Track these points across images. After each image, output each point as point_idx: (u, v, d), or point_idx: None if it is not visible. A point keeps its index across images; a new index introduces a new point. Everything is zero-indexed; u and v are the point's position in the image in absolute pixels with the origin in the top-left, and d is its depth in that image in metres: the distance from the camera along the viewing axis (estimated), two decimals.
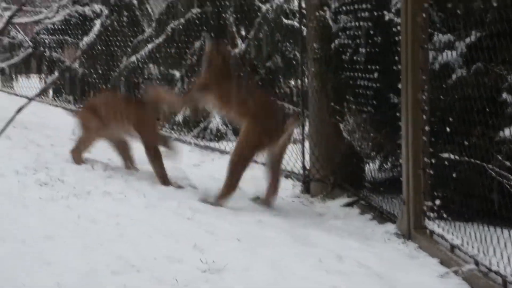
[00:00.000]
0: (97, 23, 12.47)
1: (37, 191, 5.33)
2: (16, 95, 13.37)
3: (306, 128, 7.12)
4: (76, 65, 12.65)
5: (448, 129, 4.73)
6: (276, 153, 5.87)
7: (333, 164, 6.71)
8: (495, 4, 4.65)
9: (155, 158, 6.24)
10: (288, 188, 7.02)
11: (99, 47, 12.27)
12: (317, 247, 4.67)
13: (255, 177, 6.08)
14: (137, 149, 6.54)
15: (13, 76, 14.22)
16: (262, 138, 5.67)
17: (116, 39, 11.99)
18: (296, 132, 6.52)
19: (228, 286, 3.72)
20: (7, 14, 8.48)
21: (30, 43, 13.07)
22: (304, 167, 7.06)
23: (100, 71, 12.25)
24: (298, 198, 6.74)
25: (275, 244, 4.68)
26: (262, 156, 5.99)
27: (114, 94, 8.27)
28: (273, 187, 5.95)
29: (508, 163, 4.53)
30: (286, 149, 6.06)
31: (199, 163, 8.21)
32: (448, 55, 5.14)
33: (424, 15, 4.92)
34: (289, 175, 7.40)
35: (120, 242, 4.27)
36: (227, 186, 5.71)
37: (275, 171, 5.96)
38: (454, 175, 4.76)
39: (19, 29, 13.72)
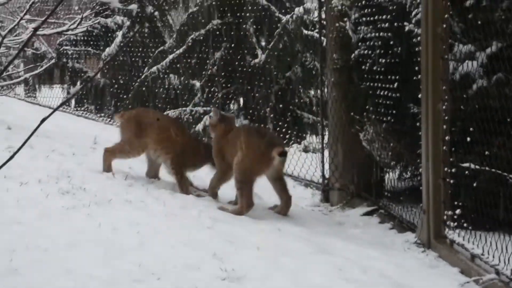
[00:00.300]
0: (119, 35, 12.55)
1: (60, 199, 5.33)
2: (39, 105, 13.49)
3: (326, 137, 7.09)
4: (98, 75, 12.73)
5: (468, 139, 4.68)
6: (273, 175, 5.84)
7: (352, 173, 6.67)
8: None
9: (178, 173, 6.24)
10: (307, 197, 6.99)
11: (121, 58, 12.34)
12: (336, 256, 4.63)
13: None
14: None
15: (36, 86, 14.36)
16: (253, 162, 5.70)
17: (138, 50, 12.06)
18: (316, 141, 6.47)
19: None
20: (31, 26, 8.55)
21: (53, 54, 13.17)
22: (323, 176, 7.02)
23: (122, 81, 12.32)
24: (318, 207, 6.70)
25: (295, 253, 4.65)
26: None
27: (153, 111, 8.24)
28: (285, 198, 5.90)
29: None
30: (281, 171, 5.97)
31: None
32: (469, 66, 5.09)
33: (444, 25, 4.89)
34: (309, 184, 7.36)
35: (141, 250, 4.26)
36: (242, 203, 5.65)
37: (280, 186, 5.91)
38: (474, 184, 4.70)
39: (43, 41, 13.86)
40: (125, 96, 11.97)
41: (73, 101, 13.17)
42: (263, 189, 5.85)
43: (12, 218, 4.69)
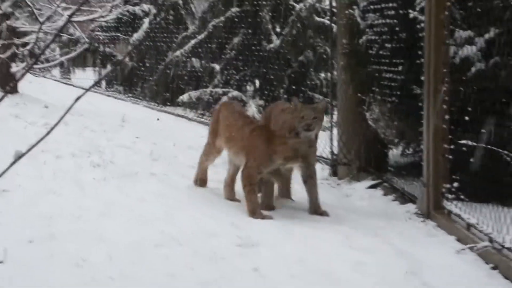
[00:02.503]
0: (146, 21, 12.54)
1: (91, 172, 5.39)
2: (73, 86, 13.55)
3: (335, 117, 7.07)
4: (126, 59, 12.76)
5: (467, 118, 4.65)
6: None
7: (359, 149, 6.66)
8: None
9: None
10: (317, 171, 6.98)
11: (147, 43, 12.34)
12: (344, 225, 4.65)
13: None
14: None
15: (71, 68, 14.42)
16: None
17: (163, 35, 12.05)
18: (325, 120, 6.42)
19: (260, 259, 3.73)
20: (66, 13, 8.57)
21: (86, 39, 13.20)
22: (332, 152, 7.01)
23: (148, 65, 12.34)
24: (326, 180, 6.71)
25: (305, 221, 4.68)
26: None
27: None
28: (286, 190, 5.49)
29: None
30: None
31: None
32: (468, 50, 5.04)
33: (446, 13, 4.83)
34: (318, 159, 7.35)
35: (164, 220, 4.29)
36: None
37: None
38: (471, 160, 4.68)
39: (77, 27, 13.88)
40: (150, 78, 12.00)
41: (104, 82, 13.22)
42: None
43: (49, 189, 4.76)
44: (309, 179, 5.03)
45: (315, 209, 4.99)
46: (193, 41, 10.95)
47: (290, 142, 4.81)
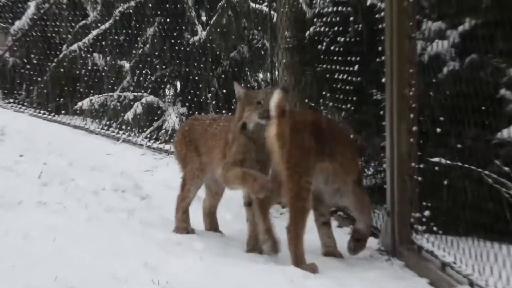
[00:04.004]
0: (32, 5, 12.34)
1: None
2: None
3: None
4: (6, 54, 12.51)
5: (439, 129, 4.74)
6: None
7: None
8: None
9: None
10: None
11: (34, 33, 12.14)
12: (287, 264, 4.65)
13: None
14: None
15: None
16: None
17: (55, 24, 11.87)
18: None
19: None
20: None
21: None
22: None
23: (35, 62, 12.12)
24: None
25: (239, 260, 4.66)
26: None
27: None
28: None
29: (507, 169, 4.55)
30: None
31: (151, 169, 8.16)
32: (439, 46, 5.16)
33: None
34: None
35: (58, 261, 4.19)
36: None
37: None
38: (445, 182, 4.77)
39: None
40: (39, 79, 11.79)
41: None
42: None
43: None
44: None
45: (255, 244, 5.00)
46: (94, 32, 10.83)
47: (240, 139, 4.90)
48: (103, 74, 10.86)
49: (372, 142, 5.82)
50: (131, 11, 10.42)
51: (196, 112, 9.04)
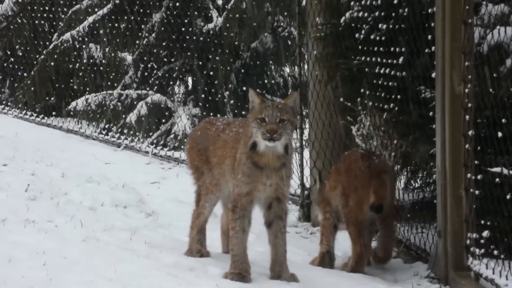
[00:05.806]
0: None
1: None
2: None
3: (306, 133, 7.12)
4: None
5: (500, 134, 4.73)
6: None
7: None
8: None
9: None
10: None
11: (19, 20, 12.20)
12: None
13: None
14: None
15: None
16: None
17: (44, 9, 11.94)
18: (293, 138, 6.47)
19: None
20: None
21: None
22: (302, 185, 7.05)
23: (21, 54, 12.18)
24: (295, 228, 6.73)
25: None
26: None
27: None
28: None
29: None
30: None
31: (158, 180, 8.20)
32: (501, 33, 5.14)
33: None
34: None
35: None
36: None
37: None
38: (508, 196, 4.75)
39: None
40: (25, 74, 11.85)
41: None
42: None
43: None
44: (276, 221, 5.02)
45: (280, 270, 4.99)
46: (90, 18, 10.89)
47: (245, 167, 4.88)
48: (101, 68, 10.92)
49: (419, 148, 5.81)
50: None
51: (211, 114, 9.08)
